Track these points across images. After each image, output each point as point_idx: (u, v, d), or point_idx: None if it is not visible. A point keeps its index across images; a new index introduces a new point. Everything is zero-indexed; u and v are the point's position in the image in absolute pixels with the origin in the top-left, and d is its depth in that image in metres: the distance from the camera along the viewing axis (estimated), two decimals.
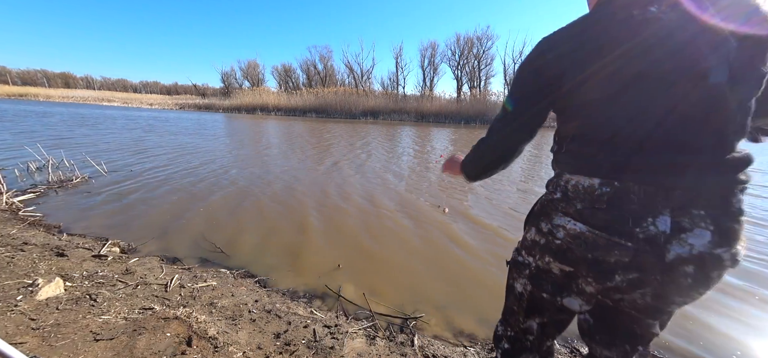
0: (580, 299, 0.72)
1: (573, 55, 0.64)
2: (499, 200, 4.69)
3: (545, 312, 0.79)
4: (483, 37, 34.98)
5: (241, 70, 46.71)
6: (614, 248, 0.60)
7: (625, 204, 0.59)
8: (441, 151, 9.98)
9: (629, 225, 0.59)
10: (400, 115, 29.96)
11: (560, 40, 0.67)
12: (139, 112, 25.75)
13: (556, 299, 0.75)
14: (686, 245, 0.57)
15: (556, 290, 0.74)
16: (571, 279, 0.71)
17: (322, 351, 1.59)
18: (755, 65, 0.55)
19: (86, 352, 1.39)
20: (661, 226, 0.57)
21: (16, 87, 51.07)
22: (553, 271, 0.73)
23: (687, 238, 0.57)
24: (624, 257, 0.60)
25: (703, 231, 0.57)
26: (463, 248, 3.02)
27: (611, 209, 0.61)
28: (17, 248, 2.36)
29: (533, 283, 0.78)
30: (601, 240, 0.62)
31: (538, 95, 0.72)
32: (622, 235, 0.59)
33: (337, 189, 4.90)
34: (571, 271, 0.69)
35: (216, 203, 4.01)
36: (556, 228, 0.70)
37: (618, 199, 0.60)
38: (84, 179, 4.67)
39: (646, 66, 0.57)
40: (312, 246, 2.93)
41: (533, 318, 0.82)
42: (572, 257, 0.67)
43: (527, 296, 0.81)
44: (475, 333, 1.91)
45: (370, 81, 40.96)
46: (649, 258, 0.59)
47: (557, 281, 0.73)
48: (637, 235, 0.58)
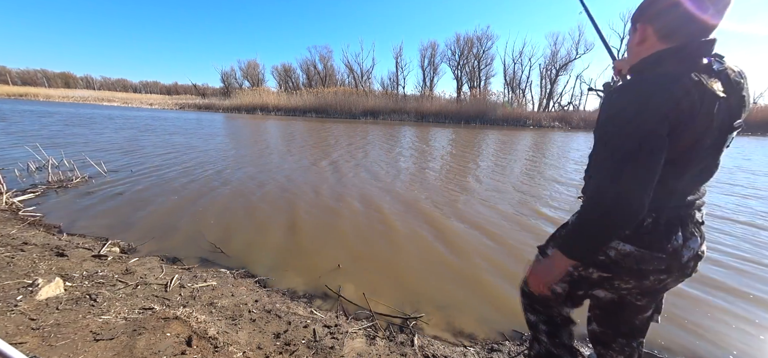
0: (605, 291, 0.96)
1: (684, 112, 0.74)
2: (496, 201, 4.69)
3: (575, 301, 1.05)
4: (483, 37, 35.00)
5: (241, 70, 46.75)
6: (654, 260, 0.84)
7: (659, 229, 0.84)
8: (441, 151, 9.98)
9: (663, 242, 0.83)
10: (400, 115, 29.95)
11: (678, 91, 0.73)
12: (138, 112, 25.75)
13: (588, 292, 1.00)
14: (690, 248, 0.84)
15: (590, 288, 0.99)
16: (605, 281, 0.93)
17: (322, 351, 1.59)
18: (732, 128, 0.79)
19: (86, 352, 1.39)
20: (678, 240, 0.83)
21: (16, 87, 51.04)
22: (592, 277, 0.95)
23: (689, 244, 0.84)
24: (660, 265, 0.84)
25: (696, 238, 0.86)
26: (464, 247, 3.02)
27: (652, 233, 0.84)
28: (17, 247, 2.36)
29: (572, 286, 1.01)
30: (645, 255, 0.84)
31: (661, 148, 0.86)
32: (659, 250, 0.84)
33: (337, 189, 4.90)
34: (609, 276, 0.91)
35: (216, 203, 4.01)
36: (608, 249, 0.88)
37: (655, 226, 0.84)
38: (84, 178, 4.67)
39: (706, 138, 0.76)
40: (312, 246, 2.93)
41: (566, 307, 1.08)
42: (616, 268, 0.89)
43: (564, 294, 1.04)
44: (475, 333, 1.91)
45: (370, 81, 41.00)
46: (674, 263, 0.84)
47: (593, 282, 0.96)
48: (668, 248, 0.83)
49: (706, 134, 0.74)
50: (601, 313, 1.05)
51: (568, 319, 1.12)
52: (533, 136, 17.58)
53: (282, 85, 45.50)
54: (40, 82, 65.37)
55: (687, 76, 0.72)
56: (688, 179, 0.81)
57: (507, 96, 35.84)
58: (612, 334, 1.05)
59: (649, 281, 0.87)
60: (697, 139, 0.74)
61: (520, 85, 36.77)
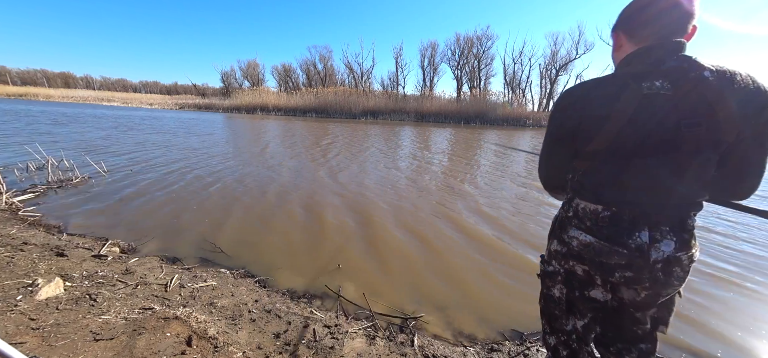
0: (602, 290, 0.93)
1: (588, 114, 0.84)
2: (496, 200, 4.69)
3: (581, 308, 0.98)
4: (483, 37, 35.00)
5: (241, 69, 46.70)
6: (614, 254, 0.84)
7: (621, 224, 0.84)
8: (441, 150, 9.98)
9: (624, 238, 0.83)
10: (400, 115, 29.95)
11: (579, 97, 0.88)
12: (138, 112, 25.75)
13: (585, 293, 0.95)
14: (660, 250, 0.82)
15: (583, 286, 0.95)
16: (590, 277, 0.92)
17: (322, 351, 1.59)
18: (715, 138, 0.77)
19: (86, 352, 1.39)
20: (643, 237, 0.82)
21: (16, 87, 51.02)
22: (577, 272, 0.94)
23: (660, 245, 0.82)
24: (620, 259, 0.84)
25: (670, 242, 0.82)
26: (464, 247, 3.02)
27: (611, 226, 0.85)
28: (17, 247, 2.36)
29: (567, 286, 0.98)
30: (604, 247, 0.85)
31: (560, 142, 0.95)
32: (619, 244, 0.84)
33: (337, 189, 4.90)
34: (588, 269, 0.90)
35: (216, 203, 4.01)
36: (572, 239, 0.92)
37: (614, 220, 0.85)
38: (84, 179, 4.67)
39: (642, 136, 0.79)
40: (312, 246, 2.93)
41: (573, 317, 1.00)
42: (585, 259, 0.89)
43: (565, 299, 0.99)
44: (475, 333, 1.91)
45: (369, 81, 40.98)
46: (638, 260, 0.82)
47: (582, 279, 0.94)
48: (629, 244, 0.83)
49: (633, 129, 0.79)
50: (601, 315, 1.03)
51: (583, 339, 1.01)
52: (533, 136, 17.57)
53: (282, 85, 45.50)
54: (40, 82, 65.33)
55: (615, 78, 0.83)
56: (642, 175, 0.81)
57: (507, 96, 35.86)
58: (611, 337, 1.03)
59: (615, 278, 0.86)
60: (623, 133, 0.79)
61: (520, 85, 36.79)
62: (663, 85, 0.77)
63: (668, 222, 0.83)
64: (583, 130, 0.85)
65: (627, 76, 0.81)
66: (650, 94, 0.77)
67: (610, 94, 0.81)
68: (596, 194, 0.87)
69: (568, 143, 0.90)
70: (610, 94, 0.81)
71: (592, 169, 0.88)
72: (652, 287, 0.86)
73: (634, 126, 0.79)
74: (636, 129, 0.79)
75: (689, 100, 0.76)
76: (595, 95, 0.84)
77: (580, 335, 1.00)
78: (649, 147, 0.79)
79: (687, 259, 0.85)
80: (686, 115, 0.76)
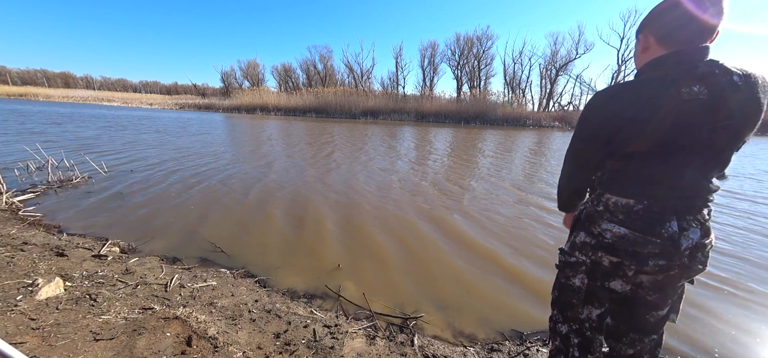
0: (622, 281, 0.97)
1: (626, 117, 0.88)
2: (496, 200, 4.69)
3: (598, 298, 1.03)
4: (483, 37, 34.99)
5: (241, 69, 46.69)
6: (648, 243, 0.90)
7: (652, 216, 0.90)
8: (441, 150, 9.98)
9: (657, 228, 0.89)
10: (400, 115, 29.95)
11: (614, 101, 0.91)
12: (136, 112, 25.74)
13: (606, 283, 0.99)
14: (688, 238, 0.88)
15: (606, 277, 0.99)
16: (616, 268, 0.96)
17: (322, 351, 1.59)
18: (741, 138, 0.86)
19: (86, 352, 1.39)
20: (674, 227, 0.88)
21: (16, 87, 51.00)
22: (603, 263, 0.98)
23: (688, 233, 0.88)
24: (655, 249, 0.90)
25: (696, 230, 0.89)
26: (464, 247, 3.02)
27: (644, 218, 0.90)
28: (17, 247, 2.36)
29: (589, 276, 1.02)
30: (639, 238, 0.90)
31: (591, 142, 0.99)
32: (653, 234, 0.89)
33: (337, 190, 4.90)
34: (618, 261, 0.95)
35: (216, 203, 4.01)
36: (605, 231, 0.96)
37: (647, 212, 0.90)
38: (84, 178, 4.67)
39: (680, 138, 0.84)
40: (312, 246, 2.93)
41: (590, 306, 1.04)
42: (619, 252, 0.94)
43: (585, 288, 1.04)
44: (475, 333, 1.91)
45: (370, 81, 40.97)
46: (670, 248, 0.88)
47: (606, 269, 0.98)
48: (662, 234, 0.88)
49: (674, 132, 0.83)
50: (615, 307, 1.07)
51: (597, 328, 1.06)
52: (533, 136, 17.57)
53: (282, 85, 45.50)
54: (40, 82, 65.33)
55: (650, 82, 0.86)
56: (674, 171, 0.88)
57: (507, 96, 35.85)
58: (624, 328, 1.07)
59: (649, 266, 0.91)
60: (663, 137, 0.84)
61: (520, 85, 36.79)
62: (700, 91, 0.81)
63: (693, 212, 0.90)
64: (620, 132, 0.88)
65: (663, 80, 0.84)
66: (690, 100, 0.81)
67: (649, 98, 0.84)
68: (630, 189, 0.93)
69: (600, 144, 0.95)
70: (649, 99, 0.84)
71: (626, 168, 0.93)
72: (680, 273, 0.93)
73: (675, 130, 0.83)
74: (677, 132, 0.83)
75: (724, 104, 0.81)
76: (632, 99, 0.86)
77: (594, 324, 1.05)
78: (686, 148, 0.85)
79: (709, 244, 0.93)
80: (721, 118, 0.81)
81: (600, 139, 0.93)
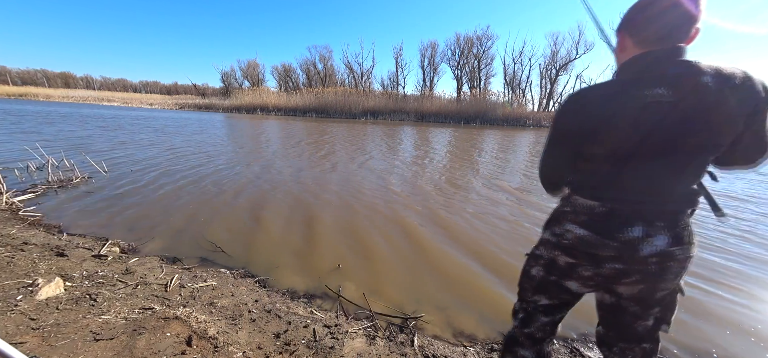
0: (577, 283, 0.99)
1: (591, 118, 0.89)
2: (496, 200, 4.69)
3: (549, 291, 1.06)
4: (483, 37, 35.01)
5: (241, 69, 46.72)
6: (605, 247, 0.89)
7: (614, 220, 0.88)
8: (441, 150, 9.98)
9: (615, 232, 0.88)
10: (400, 115, 29.96)
11: (582, 102, 0.92)
12: (135, 111, 25.74)
13: (561, 281, 1.01)
14: (653, 245, 0.85)
15: (561, 276, 1.01)
16: (572, 268, 0.97)
17: (322, 351, 1.59)
18: (714, 141, 0.81)
19: (86, 352, 1.39)
20: (635, 233, 0.86)
21: (16, 87, 51.02)
22: (559, 262, 1.00)
23: (653, 240, 0.85)
24: (609, 252, 0.89)
25: (665, 237, 0.85)
26: (464, 247, 3.02)
27: (604, 221, 0.90)
28: (17, 247, 2.36)
29: (545, 270, 1.05)
30: (597, 241, 0.90)
31: (561, 144, 1.00)
32: (610, 237, 0.88)
33: (337, 190, 4.90)
34: (574, 262, 0.96)
35: (216, 203, 4.01)
36: (566, 232, 0.96)
37: (609, 216, 0.89)
38: (84, 178, 4.67)
39: (642, 141, 0.83)
40: (312, 246, 2.93)
41: (540, 295, 1.09)
42: (575, 252, 0.95)
43: (538, 279, 1.07)
44: (474, 333, 1.91)
45: (370, 81, 41.00)
46: (627, 253, 0.87)
47: (562, 269, 1.00)
48: (619, 237, 0.87)
49: (634, 135, 0.82)
50: (604, 315, 1.09)
51: (538, 310, 1.11)
52: (533, 136, 17.57)
53: (282, 85, 45.52)
54: (40, 82, 65.34)
55: (618, 83, 0.86)
56: (640, 175, 0.86)
57: (507, 96, 35.86)
58: (614, 336, 1.07)
59: (605, 269, 0.91)
60: (624, 139, 0.84)
61: (520, 85, 36.80)
62: (665, 93, 0.80)
63: (663, 219, 0.86)
64: (586, 133, 0.89)
65: (630, 82, 0.84)
66: (653, 102, 0.80)
67: (613, 100, 0.84)
68: (594, 191, 0.92)
69: (568, 146, 0.95)
70: (613, 101, 0.84)
71: (592, 170, 0.93)
72: (645, 281, 0.89)
73: (636, 131, 0.82)
74: (638, 134, 0.82)
75: (689, 106, 0.78)
76: (598, 101, 0.87)
77: (539, 308, 1.10)
78: (650, 151, 0.83)
79: (681, 254, 0.88)
80: (686, 120, 0.79)
81: (568, 141, 0.95)
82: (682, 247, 0.87)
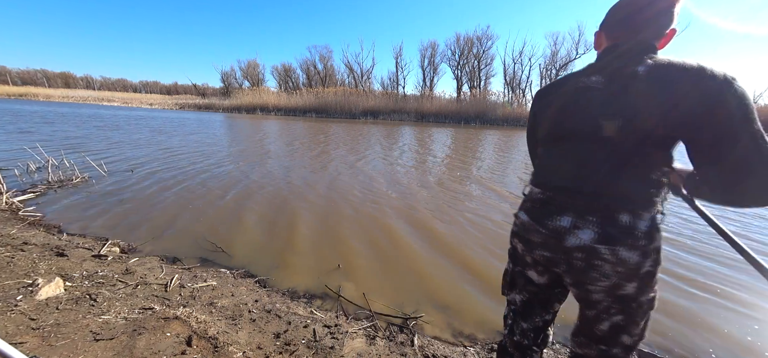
0: (535, 271, 1.00)
1: (542, 107, 1.01)
2: (496, 200, 4.69)
3: (518, 284, 1.06)
4: (483, 37, 35.06)
5: (241, 69, 46.76)
6: (535, 232, 0.92)
7: (548, 207, 0.90)
8: (441, 151, 9.97)
9: (545, 219, 0.90)
10: (400, 115, 29.97)
11: (540, 93, 1.05)
12: (134, 111, 25.73)
13: (523, 271, 1.03)
14: (578, 237, 0.82)
15: (522, 265, 1.03)
16: (524, 254, 1.00)
17: (322, 351, 1.59)
18: (643, 128, 0.76)
19: (86, 352, 1.39)
20: (562, 223, 0.85)
21: (16, 87, 51.02)
22: (517, 249, 1.03)
23: (579, 233, 0.82)
24: (538, 238, 0.92)
25: (592, 232, 0.81)
26: (464, 248, 3.02)
27: (541, 208, 0.92)
28: (17, 247, 2.36)
29: (511, 260, 1.08)
30: (531, 226, 0.93)
31: (529, 133, 1.13)
32: (540, 224, 0.90)
33: (338, 190, 4.90)
34: (522, 247, 0.99)
35: (217, 203, 4.01)
36: (516, 219, 1.02)
37: (545, 203, 0.92)
38: (84, 178, 4.67)
39: (566, 127, 0.89)
40: (312, 246, 2.93)
41: (513, 291, 1.09)
42: (519, 237, 1.00)
43: (510, 273, 1.09)
44: (474, 333, 1.91)
45: (370, 81, 41.03)
46: (552, 241, 0.88)
47: (519, 256, 1.02)
48: (548, 225, 0.89)
49: (559, 119, 0.91)
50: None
51: (518, 314, 1.08)
52: None
53: (282, 85, 45.53)
54: (40, 82, 65.35)
55: (569, 76, 0.95)
56: (570, 163, 0.88)
57: (507, 96, 35.87)
58: (577, 328, 1.01)
59: (535, 254, 0.94)
60: (552, 125, 0.93)
61: (520, 85, 36.82)
62: (598, 79, 0.84)
63: (596, 213, 0.81)
64: (534, 123, 1.03)
65: (578, 72, 0.92)
66: (582, 87, 0.86)
67: (557, 88, 0.95)
68: (537, 178, 0.97)
69: (530, 138, 1.10)
70: (557, 89, 0.95)
71: (538, 158, 1.03)
72: (572, 274, 0.87)
73: (561, 114, 0.90)
74: (563, 117, 0.90)
75: (612, 91, 0.81)
76: (547, 90, 1.00)
77: (517, 309, 1.09)
78: (574, 135, 0.88)
79: (610, 255, 0.79)
80: (605, 104, 0.81)
81: (529, 133, 1.09)
82: (613, 248, 0.78)
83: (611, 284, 0.82)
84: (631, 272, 0.80)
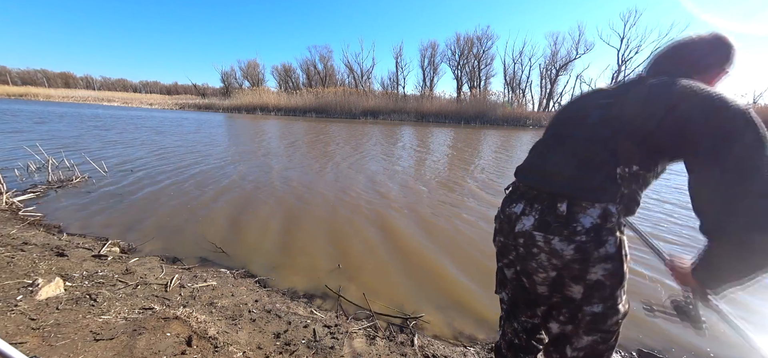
0: (504, 264, 1.01)
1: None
2: (496, 201, 4.69)
3: (501, 281, 1.06)
4: (483, 37, 35.00)
5: (241, 69, 46.70)
6: (498, 218, 0.98)
7: (511, 195, 0.95)
8: (441, 151, 9.98)
9: (506, 206, 0.94)
10: (400, 115, 29.95)
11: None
12: (133, 111, 25.73)
13: (503, 267, 1.03)
14: (521, 223, 0.86)
15: (501, 259, 1.03)
16: (500, 249, 1.01)
17: (322, 351, 1.59)
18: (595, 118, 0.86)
19: (86, 352, 1.39)
20: (516, 209, 0.89)
21: (16, 87, 51.01)
22: (495, 243, 1.04)
23: (523, 219, 0.85)
24: (497, 224, 0.99)
25: (530, 218, 0.84)
26: (464, 248, 3.02)
27: (508, 196, 0.96)
28: (17, 247, 2.36)
29: (497, 257, 1.07)
30: (499, 212, 0.99)
31: None
32: (502, 210, 0.96)
33: (338, 190, 4.89)
34: (501, 240, 0.98)
35: (216, 203, 4.01)
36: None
37: (512, 191, 0.97)
38: (84, 178, 4.67)
39: (563, 117, 0.97)
40: (312, 246, 2.93)
41: (501, 288, 1.08)
42: (496, 228, 1.01)
43: (497, 269, 1.08)
44: (474, 333, 1.91)
45: (370, 81, 40.99)
46: (506, 226, 0.92)
47: (500, 251, 1.02)
48: (506, 211, 0.93)
49: (561, 115, 0.99)
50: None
51: (510, 315, 1.07)
52: (533, 136, 17.56)
53: (282, 85, 45.51)
54: (40, 82, 65.33)
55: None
56: (539, 155, 0.95)
57: (507, 96, 35.86)
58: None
59: (497, 241, 1.00)
60: (554, 119, 1.01)
61: (520, 85, 36.81)
62: (610, 86, 0.93)
63: (542, 202, 0.83)
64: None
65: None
66: (595, 89, 0.95)
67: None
68: (519, 170, 1.01)
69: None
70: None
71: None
72: (519, 262, 0.90)
73: (567, 106, 1.00)
74: (566, 109, 0.99)
75: (616, 90, 0.87)
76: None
77: (506, 308, 1.09)
78: (562, 124, 0.95)
79: (544, 243, 0.78)
80: (604, 96, 0.88)
81: None
82: (546, 235, 0.78)
83: (552, 278, 0.81)
84: (569, 268, 0.77)
